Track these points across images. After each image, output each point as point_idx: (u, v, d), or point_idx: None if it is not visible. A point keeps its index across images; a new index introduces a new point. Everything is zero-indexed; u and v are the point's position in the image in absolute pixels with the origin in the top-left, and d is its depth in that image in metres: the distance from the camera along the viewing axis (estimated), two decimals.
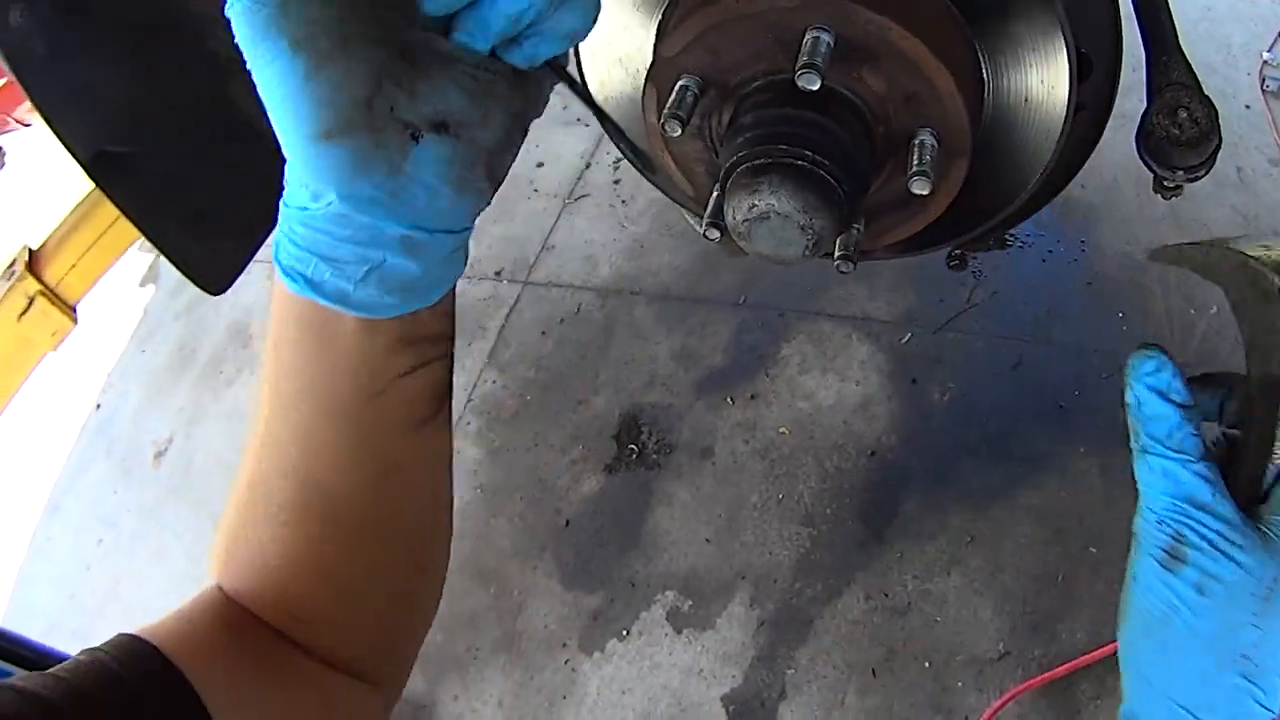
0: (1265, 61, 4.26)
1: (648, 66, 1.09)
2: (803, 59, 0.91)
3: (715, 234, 1.09)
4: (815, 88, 0.90)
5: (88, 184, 2.11)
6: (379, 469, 0.81)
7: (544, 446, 3.25)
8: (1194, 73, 1.12)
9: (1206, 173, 1.14)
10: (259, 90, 0.61)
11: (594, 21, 0.67)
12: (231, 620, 0.83)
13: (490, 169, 0.69)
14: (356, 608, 0.88)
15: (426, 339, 0.76)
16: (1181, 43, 1.18)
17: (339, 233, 0.65)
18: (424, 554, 0.92)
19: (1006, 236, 3.53)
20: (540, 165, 4.36)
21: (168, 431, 3.77)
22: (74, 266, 2.12)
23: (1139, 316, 3.24)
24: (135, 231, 2.16)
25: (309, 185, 0.63)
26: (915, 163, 1.01)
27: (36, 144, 4.51)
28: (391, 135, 0.62)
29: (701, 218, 1.42)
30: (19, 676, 0.70)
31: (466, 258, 0.74)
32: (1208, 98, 1.11)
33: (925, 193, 1.00)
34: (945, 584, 2.70)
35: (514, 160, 0.73)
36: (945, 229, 1.22)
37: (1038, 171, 1.15)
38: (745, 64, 1.02)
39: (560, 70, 0.72)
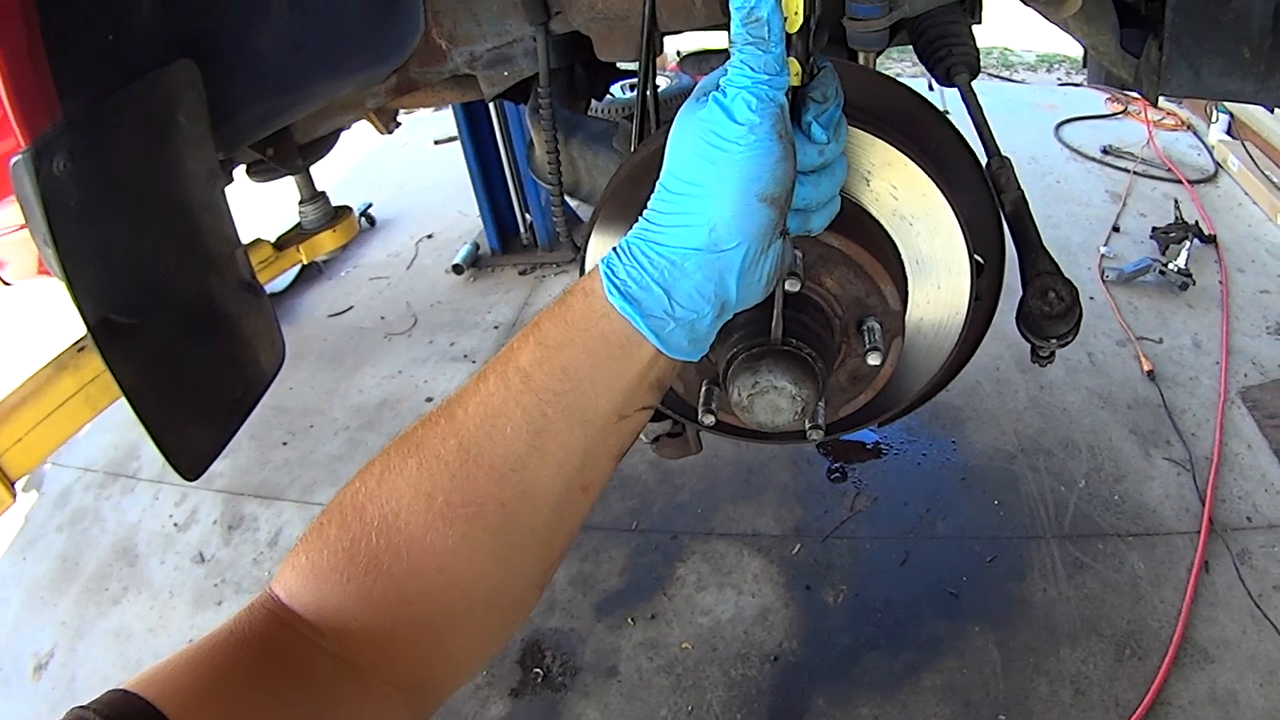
0: (1103, 255, 4.64)
1: None
2: (789, 269, 1.08)
3: (711, 419, 1.26)
4: (797, 290, 1.08)
5: (30, 364, 2.06)
6: (580, 484, 0.89)
7: None
8: (1055, 263, 1.33)
9: (1074, 338, 1.34)
10: (719, 145, 0.81)
11: (825, 226, 0.97)
12: (255, 648, 0.81)
13: (768, 287, 0.91)
14: (472, 621, 0.90)
15: (664, 389, 0.93)
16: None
17: (697, 278, 0.84)
18: (545, 582, 0.96)
19: (881, 446, 3.72)
20: (429, 400, 4.50)
21: (49, 644, 3.56)
22: (19, 441, 2.07)
23: (1013, 500, 3.42)
24: (82, 416, 2.10)
25: (718, 229, 0.82)
26: (869, 342, 1.22)
27: None
28: (780, 225, 0.86)
29: (648, 425, 1.61)
30: None
31: None
32: (1069, 280, 1.33)
33: (879, 363, 1.21)
34: None
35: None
36: (882, 405, 1.42)
37: (951, 347, 1.35)
38: None
39: (791, 241, 0.97)
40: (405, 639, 0.86)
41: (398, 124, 2.49)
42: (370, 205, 6.38)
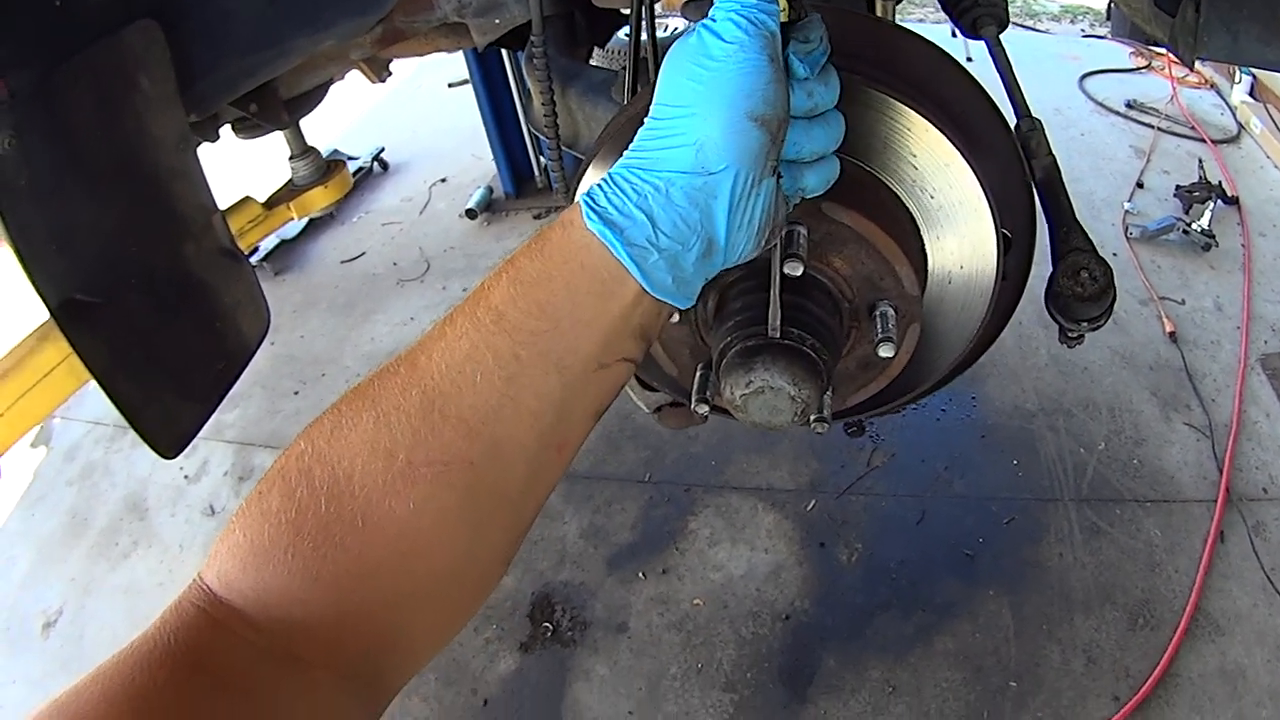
0: (1126, 211, 4.56)
1: None
2: (789, 250, 1.00)
3: (705, 408, 1.18)
4: (799, 274, 0.99)
5: (14, 334, 2.00)
6: (556, 442, 0.82)
7: None
8: (1090, 239, 1.23)
9: (1106, 321, 1.24)
10: (706, 65, 0.78)
11: (821, 189, 0.91)
12: (181, 661, 0.71)
13: (760, 236, 0.85)
14: (434, 599, 0.82)
15: (648, 339, 0.87)
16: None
17: (682, 205, 0.79)
18: (511, 555, 0.87)
19: None
20: None
21: (58, 602, 3.55)
22: (1, 415, 1.98)
23: (1032, 461, 3.38)
24: (69, 386, 2.04)
25: (706, 148, 0.78)
26: (880, 330, 1.11)
27: None
28: (773, 155, 0.82)
29: (649, 396, 1.59)
30: None
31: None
32: (1103, 258, 1.22)
33: (891, 355, 1.11)
34: None
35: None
36: (894, 391, 1.31)
37: (974, 330, 1.25)
38: None
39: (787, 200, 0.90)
40: (358, 622, 0.77)
41: (389, 73, 2.41)
42: (383, 149, 6.32)
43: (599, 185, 0.81)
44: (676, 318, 1.17)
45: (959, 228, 1.18)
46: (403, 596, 0.79)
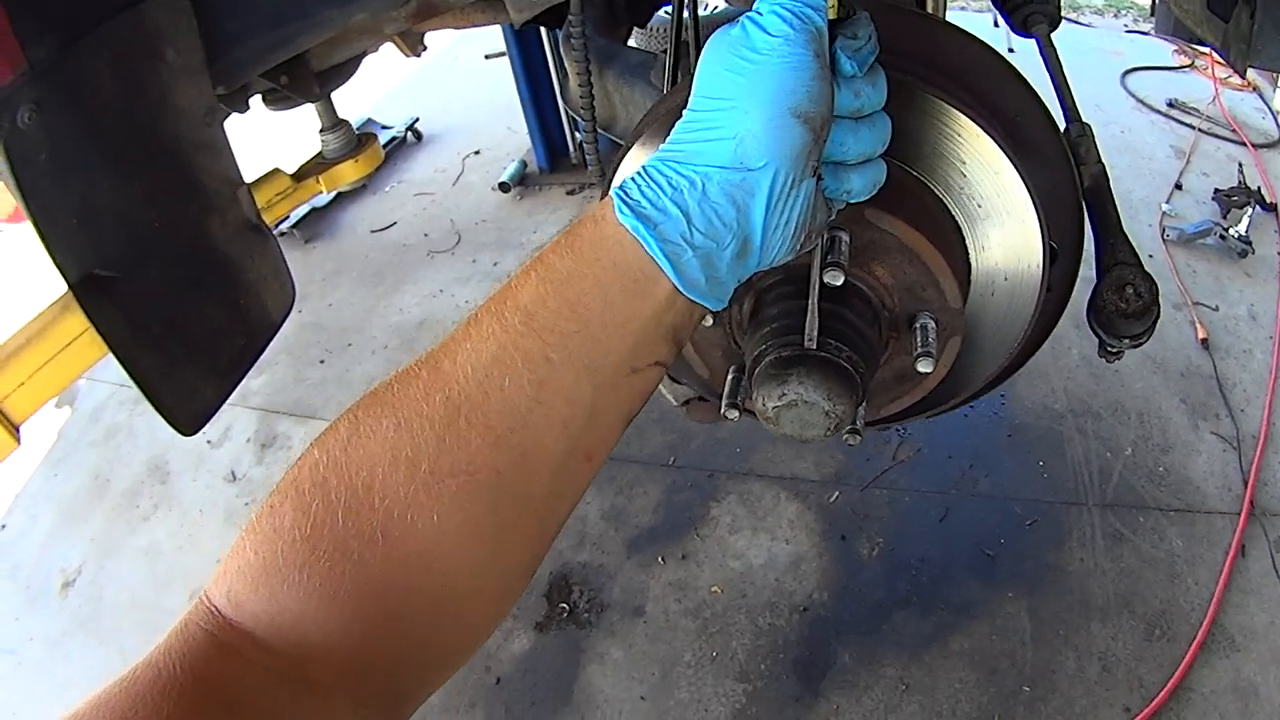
0: (1164, 213, 4.49)
1: None
2: (830, 257, 0.97)
3: (735, 413, 1.15)
4: (840, 283, 0.97)
5: (35, 303, 1.99)
6: (585, 449, 0.80)
7: None
8: (1137, 253, 1.21)
9: (1148, 339, 1.22)
10: (750, 59, 0.77)
11: (866, 194, 0.88)
12: (189, 692, 0.66)
13: (797, 239, 0.83)
14: (454, 615, 0.78)
15: (680, 341, 0.84)
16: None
17: (719, 201, 0.77)
18: (533, 569, 0.84)
19: None
20: None
21: (77, 561, 3.60)
22: (23, 384, 1.98)
23: (1058, 463, 3.34)
24: (91, 355, 2.03)
25: (746, 143, 0.76)
26: (920, 344, 1.09)
27: None
28: (815, 155, 0.80)
29: (677, 389, 1.55)
30: None
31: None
32: (1149, 274, 1.19)
33: (930, 370, 1.08)
34: None
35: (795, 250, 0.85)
36: (929, 402, 1.29)
37: (1014, 342, 1.21)
38: None
39: (831, 205, 0.89)
40: (376, 644, 0.73)
41: (424, 47, 2.38)
42: (417, 120, 6.31)
43: (632, 178, 0.78)
44: (710, 320, 1.16)
45: (1005, 238, 1.14)
46: (422, 615, 0.75)
